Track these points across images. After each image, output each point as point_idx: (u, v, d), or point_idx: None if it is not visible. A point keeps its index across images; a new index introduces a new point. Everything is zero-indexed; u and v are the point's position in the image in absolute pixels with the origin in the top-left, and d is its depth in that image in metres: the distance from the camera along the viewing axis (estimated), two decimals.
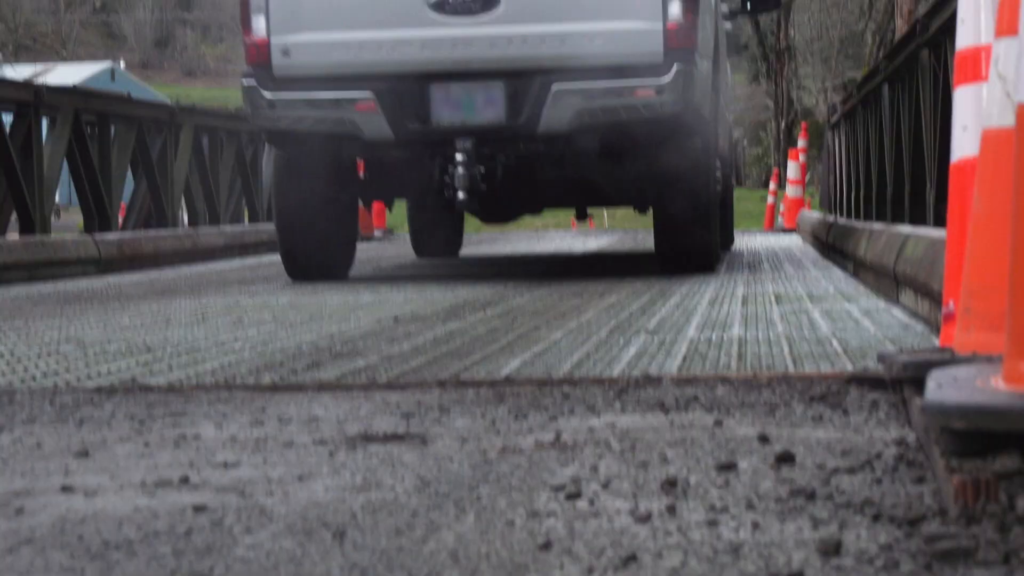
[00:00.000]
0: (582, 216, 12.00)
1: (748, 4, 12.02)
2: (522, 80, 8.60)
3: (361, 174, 9.84)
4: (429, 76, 8.68)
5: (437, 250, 13.58)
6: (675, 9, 8.58)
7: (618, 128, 8.74)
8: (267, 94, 8.86)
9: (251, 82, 8.92)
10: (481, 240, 18.51)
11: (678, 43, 8.59)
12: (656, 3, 8.57)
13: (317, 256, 9.60)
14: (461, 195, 8.70)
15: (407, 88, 8.68)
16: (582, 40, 8.57)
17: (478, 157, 8.70)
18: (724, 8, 11.96)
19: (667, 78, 8.55)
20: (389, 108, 8.68)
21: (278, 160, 9.44)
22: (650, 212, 9.86)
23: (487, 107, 8.67)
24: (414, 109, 8.70)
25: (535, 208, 11.30)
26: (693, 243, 9.42)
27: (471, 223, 14.16)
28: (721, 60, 10.99)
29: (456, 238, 13.93)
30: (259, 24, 8.85)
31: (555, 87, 8.55)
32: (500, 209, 10.97)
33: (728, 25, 12.52)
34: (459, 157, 8.64)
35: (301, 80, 8.80)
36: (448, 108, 8.70)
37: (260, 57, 8.88)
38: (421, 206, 12.43)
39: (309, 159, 9.26)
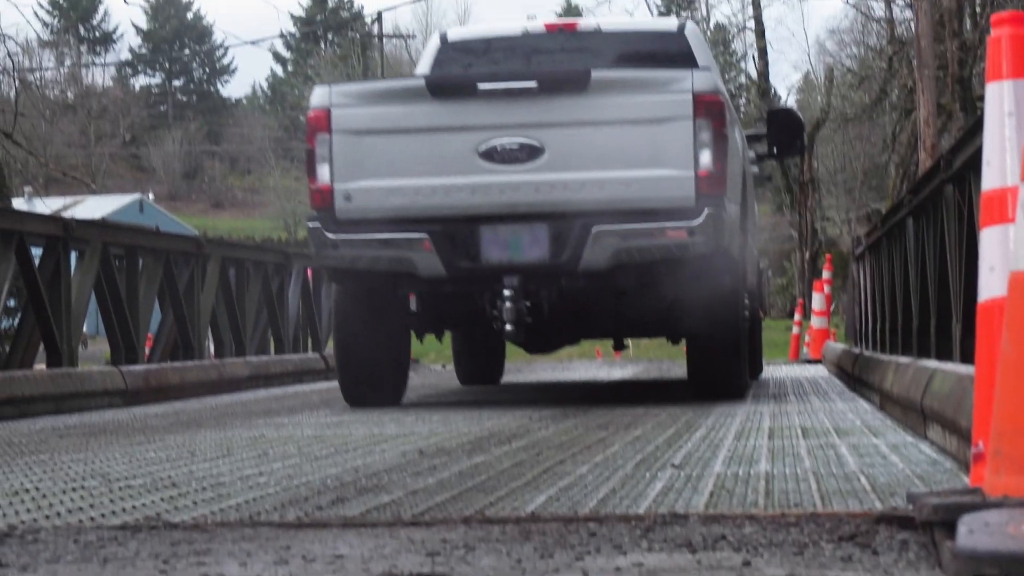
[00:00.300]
0: (619, 346, 12.63)
1: (774, 149, 12.67)
2: (564, 222, 9.26)
3: (413, 307, 10.34)
4: (479, 219, 9.37)
5: (481, 378, 14.30)
6: (705, 158, 9.22)
7: (653, 266, 9.35)
8: (330, 235, 9.51)
9: (316, 224, 9.58)
10: (508, 370, 18.49)
11: (708, 189, 9.25)
12: (688, 153, 9.21)
13: (373, 383, 10.26)
14: (509, 327, 9.39)
15: (459, 230, 9.37)
16: (619, 186, 9.24)
17: (524, 293, 9.38)
18: (751, 154, 12.65)
19: (698, 221, 9.17)
20: (442, 248, 9.36)
21: (339, 295, 10.19)
22: (680, 342, 10.54)
23: (532, 247, 9.35)
24: (465, 249, 9.38)
25: (576, 339, 11.97)
26: (723, 372, 10.06)
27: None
28: (748, 201, 11.54)
29: (498, 367, 14.65)
30: (324, 172, 9.59)
31: (595, 229, 9.19)
32: (544, 340, 11.55)
33: (756, 168, 13.26)
34: (507, 293, 9.33)
35: (362, 222, 9.49)
36: (496, 248, 9.38)
37: (324, 202, 9.58)
38: (467, 337, 13.37)
39: (367, 294, 10.01)
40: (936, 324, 9.01)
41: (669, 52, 11.09)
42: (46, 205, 36.31)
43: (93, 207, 66.76)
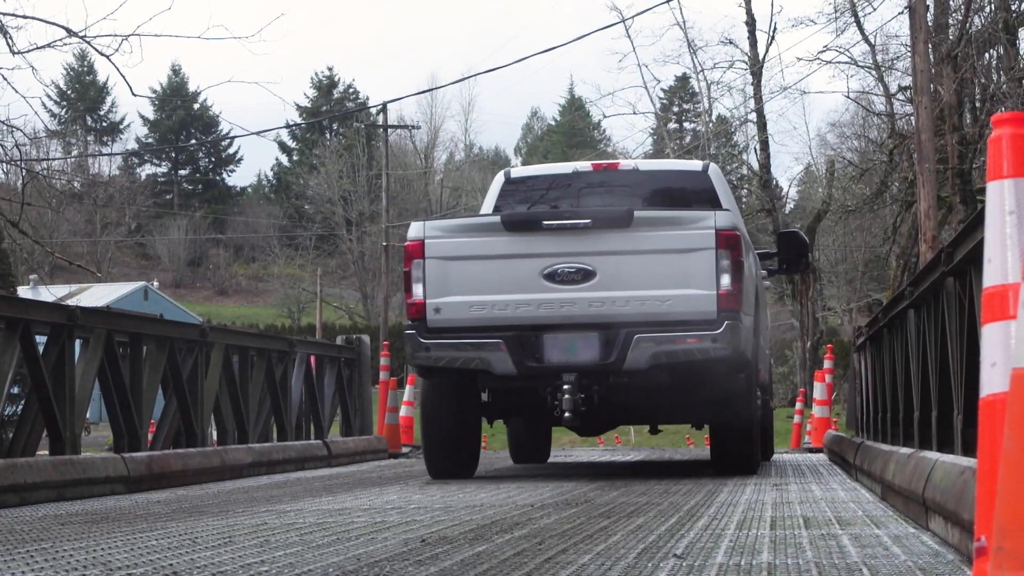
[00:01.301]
0: (655, 431, 15.54)
1: (784, 266, 14.98)
2: (612, 331, 11.53)
3: (484, 398, 12.50)
4: (543, 328, 11.66)
5: (532, 458, 16.76)
6: (725, 281, 11.47)
7: (682, 366, 11.60)
8: (423, 340, 11.77)
9: (412, 331, 11.86)
10: (505, 458, 18.44)
11: (727, 305, 11.48)
12: (711, 277, 11.45)
13: (452, 459, 12.57)
14: (568, 415, 11.59)
15: (527, 336, 11.67)
16: (656, 302, 11.51)
17: (579, 387, 11.59)
18: (763, 272, 14.72)
19: (719, 331, 11.42)
20: (514, 351, 11.64)
21: (425, 387, 12.50)
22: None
23: (586, 350, 11.61)
24: (532, 352, 11.66)
25: (619, 424, 14.70)
26: (740, 453, 12.32)
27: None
28: (760, 310, 13.49)
29: (547, 448, 17.29)
30: (418, 290, 11.83)
31: (636, 336, 11.47)
32: (594, 425, 14.41)
33: (767, 282, 15.44)
34: (566, 387, 11.55)
35: (448, 330, 11.76)
36: (557, 351, 11.65)
37: (419, 313, 11.84)
38: (523, 423, 15.73)
39: (450, 387, 12.34)
40: (937, 415, 9.02)
41: (695, 189, 13.47)
42: (51, 293, 36.38)
43: (98, 294, 66.90)
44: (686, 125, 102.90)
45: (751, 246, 13.11)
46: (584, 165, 14.02)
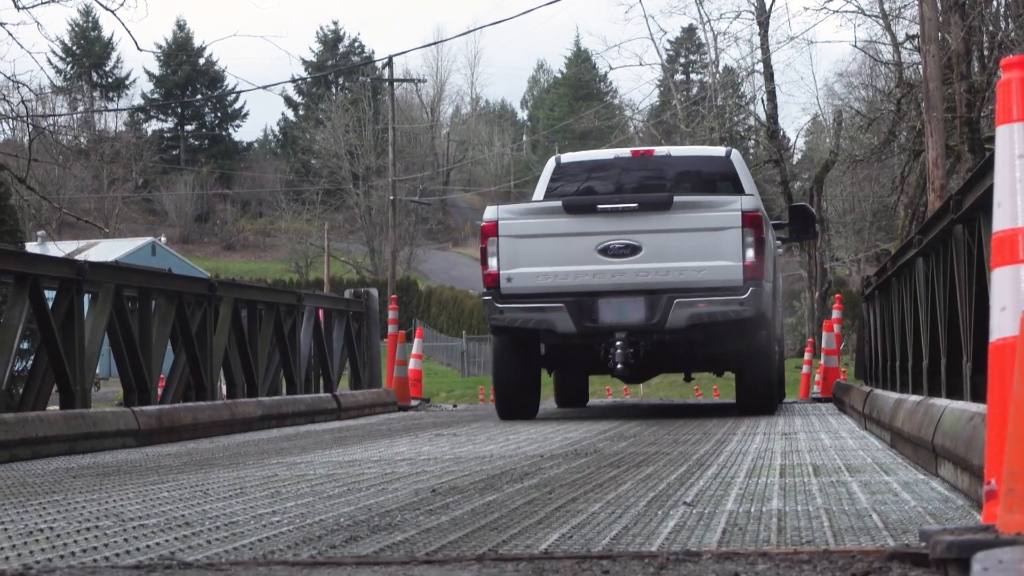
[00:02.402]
0: (688, 379, 18.55)
1: (793, 235, 17.62)
2: (655, 296, 13.93)
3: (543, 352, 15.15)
4: (598, 294, 14.03)
5: (574, 403, 19.16)
6: (749, 254, 13.84)
7: (714, 325, 14.03)
8: (498, 305, 14.23)
9: (488, 297, 14.34)
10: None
11: (751, 274, 13.86)
12: (738, 251, 13.82)
13: (518, 404, 15.13)
14: (620, 366, 14.03)
15: (584, 301, 14.04)
16: (692, 272, 13.89)
17: (628, 343, 13.95)
18: (778, 242, 17.28)
19: (745, 295, 13.83)
20: (573, 313, 14.00)
21: (496, 344, 15.12)
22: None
23: (634, 313, 14.01)
24: (588, 314, 14.02)
25: (659, 372, 17.09)
26: (761, 395, 14.67)
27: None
28: (777, 276, 16.32)
29: (585, 395, 19.76)
30: (493, 263, 14.26)
31: (676, 301, 13.85)
32: (639, 374, 16.77)
33: (780, 250, 18.16)
34: (618, 343, 13.93)
35: (519, 296, 14.17)
36: (610, 313, 14.04)
37: (494, 283, 14.27)
38: (569, 374, 18.06)
39: (516, 344, 14.82)
40: (946, 363, 9.02)
41: (720, 172, 16.00)
42: (59, 249, 36.40)
43: (106, 250, 66.93)
44: (693, 76, 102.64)
45: (769, 222, 15.25)
46: (624, 151, 16.59)
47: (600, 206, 14.22)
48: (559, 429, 12.33)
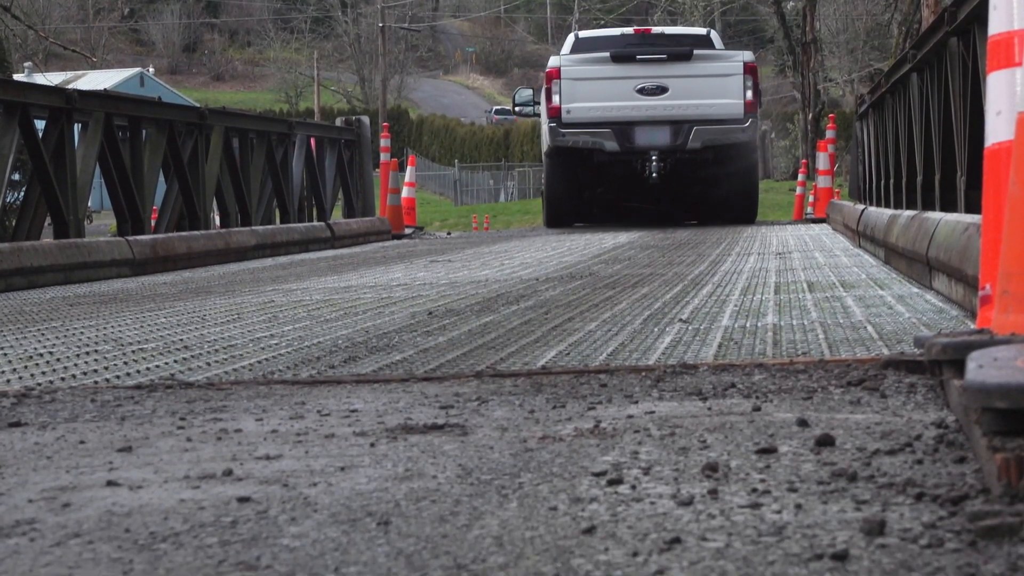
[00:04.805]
0: (694, 213, 22.03)
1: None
2: (678, 125, 18.97)
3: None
4: (636, 123, 19.06)
5: (564, 223, 21.34)
6: (748, 94, 18.99)
7: (723, 147, 19.16)
8: (561, 130, 19.08)
9: (553, 125, 19.12)
10: (511, 235, 18.50)
11: (749, 109, 19.08)
12: (740, 91, 18.95)
13: (564, 215, 20.47)
14: (654, 175, 19.14)
15: (625, 128, 19.01)
16: (706, 107, 18.98)
17: (659, 159, 19.10)
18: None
19: (745, 125, 19.04)
20: (618, 137, 18.99)
21: (548, 166, 20.17)
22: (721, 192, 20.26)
23: (662, 137, 19.04)
24: (628, 138, 19.05)
25: (678, 193, 20.50)
26: (750, 201, 20.19)
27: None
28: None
29: (574, 218, 21.96)
30: (556, 99, 19.09)
31: (695, 129, 18.92)
32: (660, 198, 20.62)
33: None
34: (653, 157, 19.09)
35: (576, 124, 19.09)
36: (644, 137, 19.10)
37: (557, 114, 19.11)
38: (610, 191, 21.19)
39: (565, 165, 19.77)
40: (940, 177, 9.00)
41: (702, 43, 20.07)
42: (47, 79, 36.07)
43: (93, 81, 66.36)
44: None
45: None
46: (628, 30, 21.18)
47: (639, 56, 19.22)
48: (553, 255, 12.36)
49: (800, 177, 29.47)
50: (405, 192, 21.37)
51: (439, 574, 1.94)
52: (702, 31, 21.66)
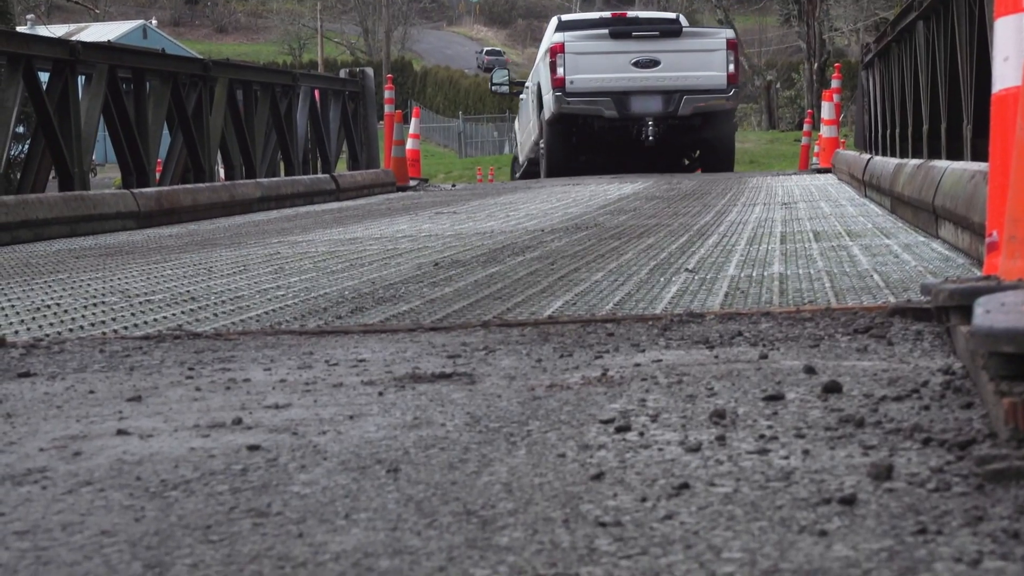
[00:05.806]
0: (690, 160, 24.05)
1: None
2: (670, 95, 21.33)
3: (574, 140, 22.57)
4: (632, 92, 21.32)
5: (601, 171, 23.38)
6: (731, 68, 21.62)
7: (709, 114, 21.61)
8: (566, 98, 21.18)
9: (559, 94, 21.21)
10: (516, 187, 18.47)
11: (732, 80, 21.68)
12: (723, 65, 21.54)
13: (566, 171, 21.56)
14: (650, 139, 21.43)
15: (623, 97, 21.26)
16: (695, 79, 21.34)
17: (653, 125, 21.35)
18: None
19: (729, 94, 21.69)
20: (616, 105, 21.19)
21: (548, 132, 21.94)
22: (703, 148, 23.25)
23: (655, 105, 21.35)
24: (626, 106, 21.26)
25: (669, 153, 22.76)
26: (728, 155, 22.67)
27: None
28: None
29: (609, 166, 23.98)
30: (560, 71, 21.20)
31: (684, 98, 21.28)
32: (655, 157, 22.46)
33: None
34: (649, 123, 21.37)
35: (579, 93, 21.19)
36: (639, 105, 21.36)
37: (561, 84, 21.18)
38: (601, 151, 22.79)
39: (564, 130, 21.78)
40: (947, 126, 8.97)
41: (673, 25, 22.62)
42: (50, 32, 35.96)
43: (96, 33, 66.15)
44: None
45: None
46: (606, 14, 24.16)
47: (635, 32, 21.72)
48: (558, 206, 12.35)
49: (805, 127, 29.38)
50: (409, 144, 21.32)
51: (448, 520, 1.95)
52: (672, 15, 25.20)
